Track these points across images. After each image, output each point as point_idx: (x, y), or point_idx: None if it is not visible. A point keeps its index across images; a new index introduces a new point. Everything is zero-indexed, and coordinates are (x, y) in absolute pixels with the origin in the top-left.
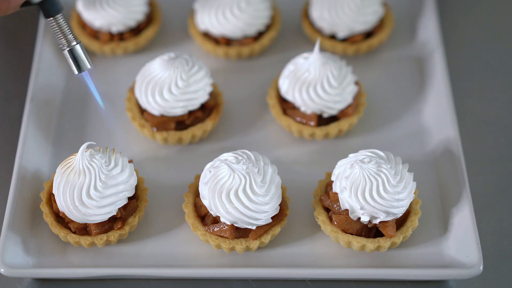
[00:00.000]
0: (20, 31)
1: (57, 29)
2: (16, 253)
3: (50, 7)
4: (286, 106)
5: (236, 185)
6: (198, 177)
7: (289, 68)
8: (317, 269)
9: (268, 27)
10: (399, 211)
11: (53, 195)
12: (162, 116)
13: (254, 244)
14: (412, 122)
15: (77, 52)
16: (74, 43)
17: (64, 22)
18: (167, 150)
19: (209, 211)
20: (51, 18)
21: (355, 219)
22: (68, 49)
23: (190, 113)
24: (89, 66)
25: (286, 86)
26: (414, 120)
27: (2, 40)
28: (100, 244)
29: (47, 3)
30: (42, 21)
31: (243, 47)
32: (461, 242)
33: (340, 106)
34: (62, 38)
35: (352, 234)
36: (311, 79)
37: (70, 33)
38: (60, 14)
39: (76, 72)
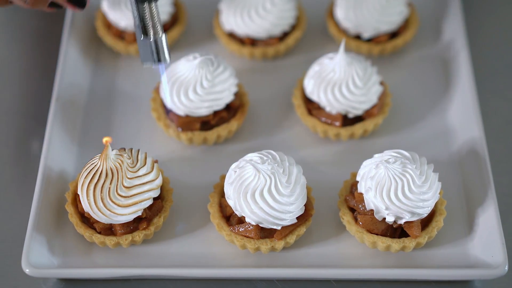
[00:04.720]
0: (46, 30)
1: (148, 16)
2: (41, 253)
3: None
4: (311, 107)
5: (261, 185)
6: (223, 178)
7: (314, 68)
8: (342, 269)
9: (293, 27)
10: (424, 212)
11: (78, 195)
12: (187, 116)
13: (279, 244)
14: (437, 123)
15: (162, 43)
16: (161, 34)
17: (157, 12)
18: (192, 151)
19: (234, 211)
20: (145, 4)
21: (380, 219)
22: (153, 39)
23: (215, 113)
24: (168, 59)
25: (311, 86)
26: (439, 120)
27: (28, 40)
28: (125, 244)
29: None
30: (68, 20)
31: (268, 48)
32: (486, 242)
33: (365, 106)
34: (150, 27)
35: (377, 234)
36: (336, 79)
37: (159, 23)
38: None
39: (156, 62)
